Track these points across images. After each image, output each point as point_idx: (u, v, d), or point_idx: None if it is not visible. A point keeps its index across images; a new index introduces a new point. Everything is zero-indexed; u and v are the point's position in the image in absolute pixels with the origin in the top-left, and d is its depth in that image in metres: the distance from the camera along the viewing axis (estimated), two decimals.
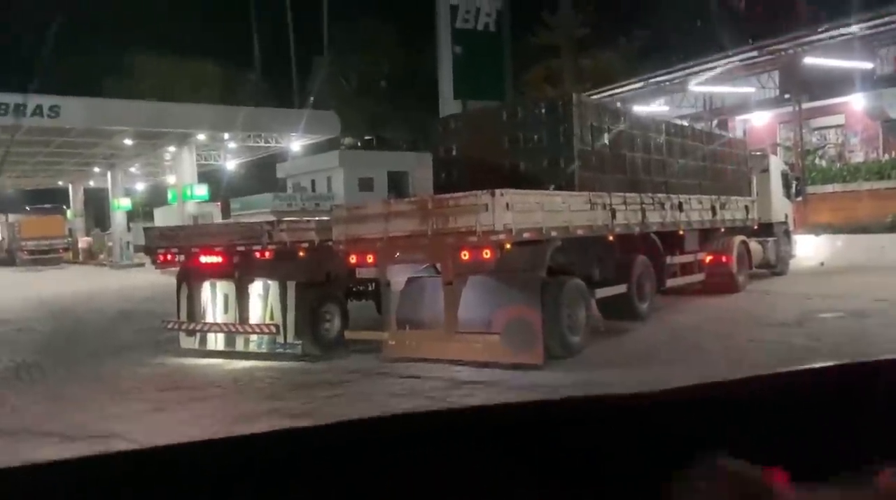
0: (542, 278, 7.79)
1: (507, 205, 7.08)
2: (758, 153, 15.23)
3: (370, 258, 8.04)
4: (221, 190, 36.65)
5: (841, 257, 16.91)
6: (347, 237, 8.14)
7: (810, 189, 17.81)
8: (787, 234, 15.79)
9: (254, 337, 9.41)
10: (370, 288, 9.90)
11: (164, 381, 8.20)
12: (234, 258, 9.23)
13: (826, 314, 10.17)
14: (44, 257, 38.31)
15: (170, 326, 9.87)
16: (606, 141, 9.25)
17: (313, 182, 46.23)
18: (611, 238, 9.09)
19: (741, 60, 18.86)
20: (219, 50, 45.36)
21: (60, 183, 46.21)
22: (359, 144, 50.57)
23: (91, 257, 41.07)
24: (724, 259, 12.75)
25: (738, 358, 7.68)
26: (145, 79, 40.62)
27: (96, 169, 37.90)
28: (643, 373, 7.31)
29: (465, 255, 7.29)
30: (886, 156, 19.78)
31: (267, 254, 8.95)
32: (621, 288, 9.41)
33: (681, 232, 10.95)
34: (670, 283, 10.84)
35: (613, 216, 8.91)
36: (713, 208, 11.86)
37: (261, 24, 50.04)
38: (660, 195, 10.13)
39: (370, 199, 34.13)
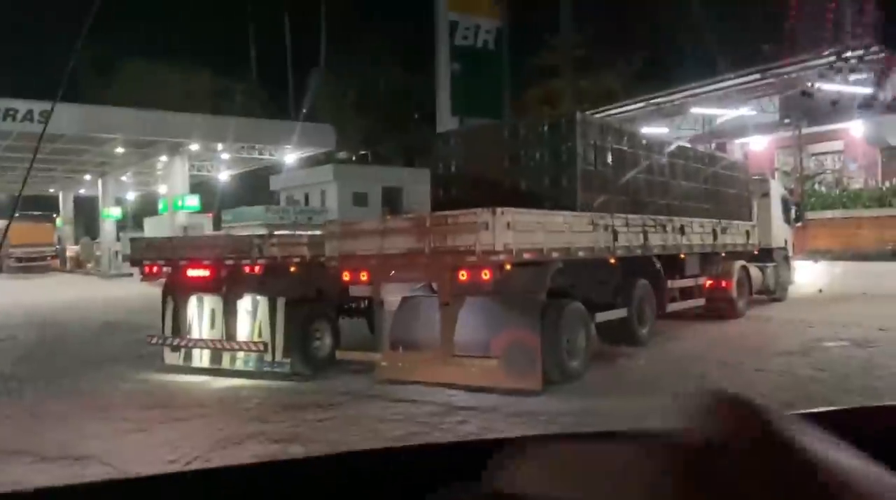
0: (543, 300, 7.52)
1: (508, 224, 6.83)
2: (759, 177, 15.07)
3: (364, 276, 7.75)
4: (214, 201, 36.33)
5: (840, 283, 16.73)
6: (341, 254, 7.86)
7: (809, 215, 17.66)
8: (787, 259, 15.61)
9: (241, 355, 9.09)
10: (363, 306, 9.61)
11: (147, 398, 7.87)
12: (223, 272, 8.93)
13: (830, 343, 9.93)
14: (32, 265, 37.81)
15: (154, 341, 9.53)
16: (609, 161, 9.03)
17: (307, 196, 45.85)
18: (612, 260, 8.84)
19: (742, 83, 18.80)
20: (215, 60, 45.17)
21: (51, 190, 45.73)
22: (353, 158, 50.40)
23: (79, 265, 40.56)
24: (724, 284, 12.53)
25: (744, 390, 7.38)
26: (137, 85, 40.30)
27: (87, 177, 37.52)
28: (645, 403, 7.03)
29: (463, 275, 7.01)
30: (887, 183, 19.69)
31: (256, 269, 8.65)
32: (622, 312, 9.15)
33: (682, 256, 10.73)
34: (671, 307, 10.59)
35: (615, 238, 8.67)
36: (714, 232, 11.65)
37: (258, 36, 49.95)
38: (662, 218, 9.91)
39: (364, 214, 33.89)
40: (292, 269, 8.94)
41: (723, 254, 12.40)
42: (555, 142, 8.56)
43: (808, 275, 16.90)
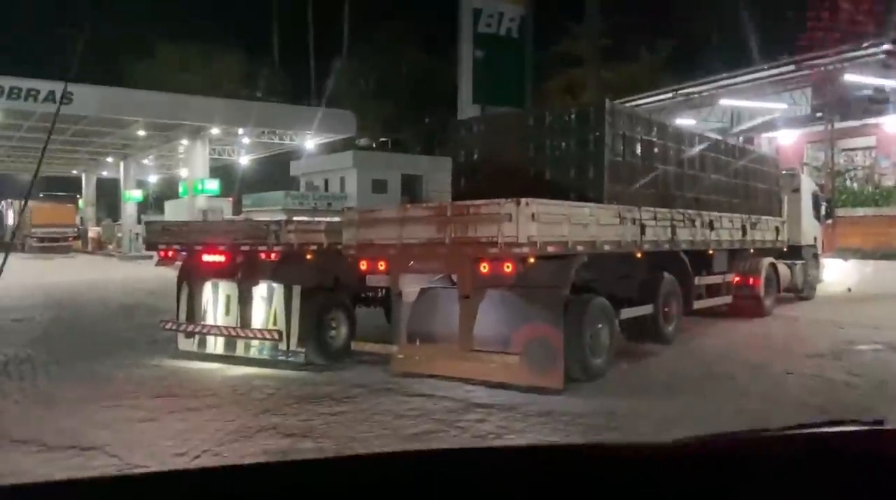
0: (566, 295, 7.24)
1: (533, 215, 6.55)
2: (789, 172, 14.63)
3: (382, 266, 7.52)
4: (234, 185, 36.35)
5: (869, 283, 16.25)
6: (358, 242, 7.64)
7: (839, 212, 17.15)
8: (816, 257, 15.17)
9: (255, 343, 8.91)
10: (380, 295, 9.41)
11: (159, 386, 7.72)
12: (238, 258, 8.73)
13: (863, 346, 9.56)
14: (53, 245, 38.13)
15: (168, 326, 9.39)
16: (638, 152, 8.71)
17: (326, 182, 45.84)
18: (638, 255, 8.53)
19: (774, 74, 18.26)
20: (240, 44, 45.21)
21: (74, 172, 46.06)
22: (374, 145, 50.21)
23: (100, 246, 40.87)
24: (751, 281, 12.17)
25: (774, 394, 7.11)
26: (166, 67, 40.38)
27: (109, 159, 37.70)
28: (670, 405, 6.76)
29: (484, 267, 6.76)
30: None
31: (273, 256, 8.45)
32: (647, 309, 8.86)
33: (710, 251, 10.38)
34: (697, 305, 10.26)
35: (643, 232, 8.36)
36: (744, 228, 11.29)
37: (282, 22, 49.88)
38: (691, 212, 9.58)
39: (383, 201, 33.71)
40: (309, 256, 8.74)
41: (751, 250, 12.03)
42: (582, 131, 8.26)
43: (836, 274, 16.44)
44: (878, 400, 6.81)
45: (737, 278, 11.82)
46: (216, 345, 9.19)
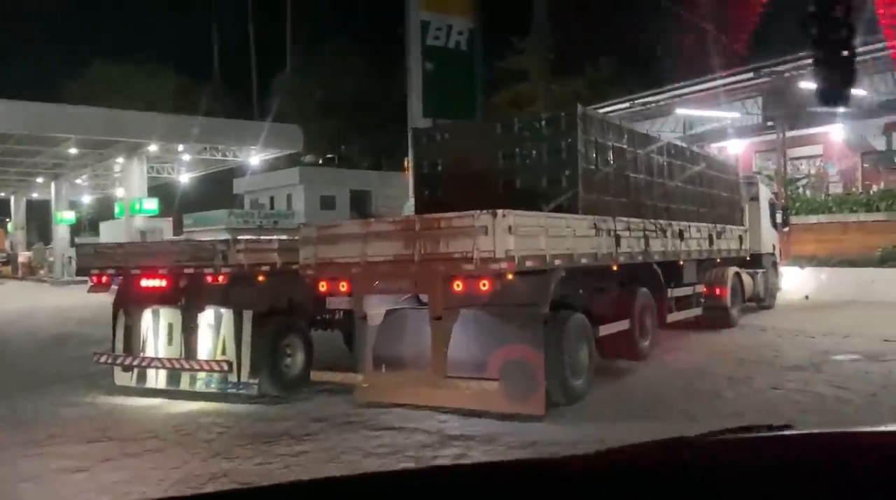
0: (545, 313, 6.70)
1: (510, 228, 6.00)
2: (748, 180, 14.51)
3: (343, 286, 6.85)
4: (174, 205, 34.98)
5: (826, 290, 16.27)
6: (317, 261, 6.95)
7: (794, 219, 17.17)
8: (775, 265, 15.08)
9: (202, 375, 8.09)
10: (338, 317, 8.70)
11: (92, 428, 6.86)
12: (182, 282, 7.92)
13: (840, 357, 9.30)
14: None
15: (102, 359, 8.48)
16: (610, 160, 8.27)
17: (272, 199, 44.73)
18: (614, 267, 8.07)
19: (731, 83, 18.26)
20: (179, 61, 44.20)
21: (2, 194, 43.68)
22: (320, 161, 49.25)
23: (31, 272, 38.76)
24: (718, 292, 11.88)
25: (765, 412, 6.68)
26: (100, 86, 38.83)
27: (40, 179, 35.78)
28: (660, 429, 6.26)
29: (458, 285, 6.17)
30: (874, 187, 19.29)
31: (220, 278, 7.67)
32: (623, 324, 8.39)
33: (681, 262, 10.02)
34: (671, 318, 9.87)
35: (618, 244, 7.91)
36: (710, 237, 11.00)
37: (222, 37, 48.77)
38: (662, 222, 9.19)
39: (332, 218, 32.85)
40: (261, 278, 8.00)
41: (717, 260, 11.76)
42: (554, 138, 7.76)
43: (793, 281, 16.40)
44: (877, 414, 6.45)
45: (704, 289, 11.51)
46: (157, 379, 8.33)
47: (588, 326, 7.44)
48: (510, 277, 6.12)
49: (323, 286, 7.00)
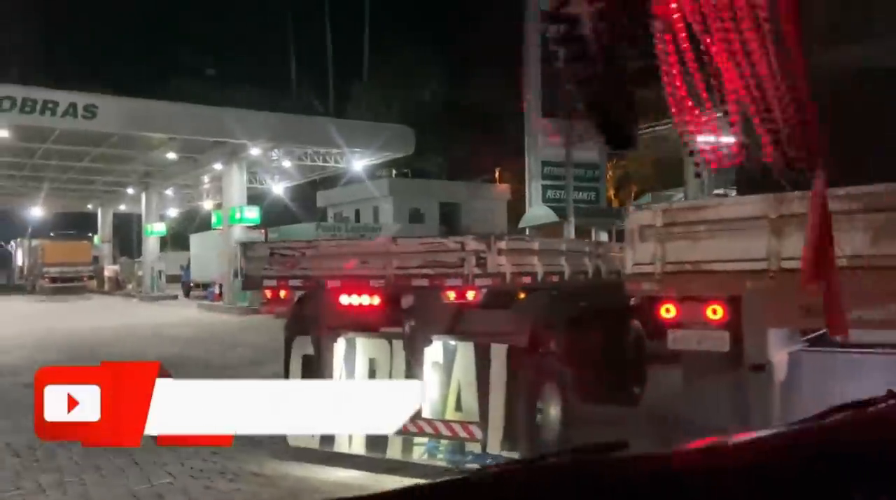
0: None
1: None
2: None
3: (717, 312, 4.03)
4: (264, 217, 33.18)
5: None
6: (664, 269, 4.15)
7: None
8: None
9: (422, 439, 5.40)
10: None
11: None
12: (408, 300, 5.23)
13: None
14: (67, 286, 34.77)
15: None
16: None
17: (357, 212, 42.60)
18: None
19: None
20: (258, 78, 43.55)
21: (89, 207, 42.83)
22: (408, 173, 47.22)
23: (118, 286, 37.49)
24: None
25: None
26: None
27: (129, 190, 34.41)
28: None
29: None
30: None
31: (472, 294, 4.96)
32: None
33: None
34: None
35: None
36: None
37: (300, 53, 47.91)
38: None
39: (420, 232, 30.28)
40: (521, 295, 5.27)
41: None
42: None
43: None
44: None
45: None
46: (353, 441, 5.65)
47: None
48: None
49: (669, 311, 4.19)
